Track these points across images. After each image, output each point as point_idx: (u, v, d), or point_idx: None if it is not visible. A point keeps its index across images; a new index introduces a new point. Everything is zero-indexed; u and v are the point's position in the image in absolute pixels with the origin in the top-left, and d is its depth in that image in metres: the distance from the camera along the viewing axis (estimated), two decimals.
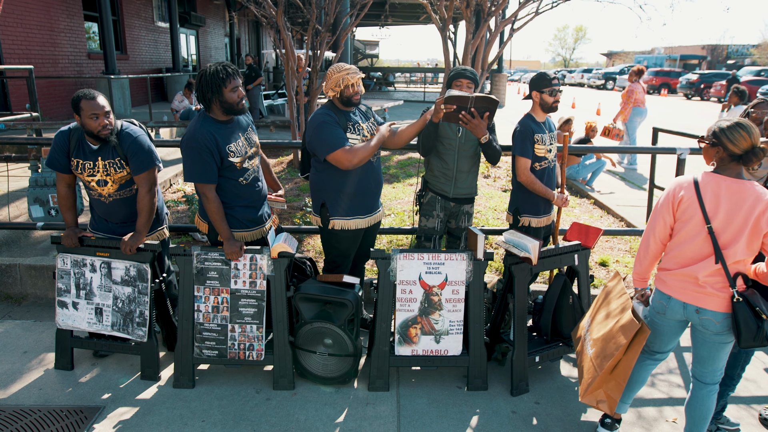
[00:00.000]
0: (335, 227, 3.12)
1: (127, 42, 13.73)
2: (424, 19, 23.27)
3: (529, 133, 3.31)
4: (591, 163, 7.28)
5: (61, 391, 2.96)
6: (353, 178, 3.06)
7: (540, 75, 3.34)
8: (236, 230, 3.00)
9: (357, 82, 2.98)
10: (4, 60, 9.19)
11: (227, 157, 2.84)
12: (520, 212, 3.47)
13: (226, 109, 2.83)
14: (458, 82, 3.22)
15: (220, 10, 21.13)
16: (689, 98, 28.31)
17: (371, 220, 3.22)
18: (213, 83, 2.74)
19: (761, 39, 52.89)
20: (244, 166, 2.93)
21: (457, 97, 2.96)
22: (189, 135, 2.80)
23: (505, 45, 8.55)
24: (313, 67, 7.26)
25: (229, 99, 2.79)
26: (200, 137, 2.77)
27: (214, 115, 2.86)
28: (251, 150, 2.99)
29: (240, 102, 2.84)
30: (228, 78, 2.75)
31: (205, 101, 2.83)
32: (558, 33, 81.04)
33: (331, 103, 3.08)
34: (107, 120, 2.87)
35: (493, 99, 3.02)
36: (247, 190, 2.98)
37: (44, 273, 4.09)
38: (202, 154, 2.77)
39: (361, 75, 3.02)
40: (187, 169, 2.84)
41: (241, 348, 3.01)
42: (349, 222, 3.13)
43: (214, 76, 2.74)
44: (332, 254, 3.28)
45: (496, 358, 3.31)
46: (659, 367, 3.32)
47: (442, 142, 3.32)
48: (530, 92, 3.38)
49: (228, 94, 2.77)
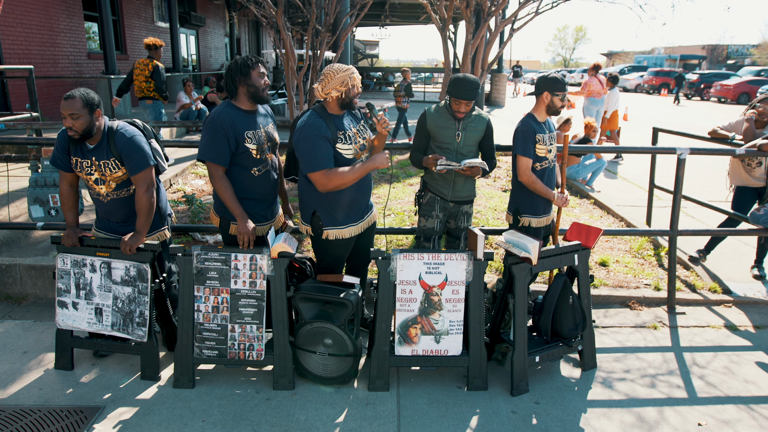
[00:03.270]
0: (329, 237, 3.04)
1: (127, 42, 13.73)
2: (424, 19, 23.28)
3: (531, 132, 3.32)
4: (591, 163, 7.28)
5: (61, 391, 2.96)
6: (348, 188, 2.96)
7: (555, 78, 3.33)
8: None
9: (360, 82, 2.97)
10: (4, 60, 9.19)
11: (243, 142, 2.91)
12: (520, 212, 3.48)
13: (252, 94, 2.93)
14: (457, 103, 3.19)
15: (220, 10, 21.13)
16: (689, 98, 28.31)
17: (364, 224, 3.17)
18: (243, 66, 2.89)
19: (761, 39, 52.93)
20: (260, 157, 2.99)
21: (448, 164, 3.18)
22: (211, 117, 2.92)
23: (505, 45, 8.55)
24: (312, 67, 7.26)
25: (256, 83, 2.91)
26: (219, 119, 2.87)
27: (239, 103, 2.97)
28: (269, 143, 3.06)
29: (265, 89, 2.96)
30: (257, 63, 2.93)
31: (233, 87, 2.94)
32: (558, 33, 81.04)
33: (321, 107, 2.95)
34: (72, 122, 2.82)
35: (483, 167, 3.21)
36: (259, 183, 3.04)
37: (44, 273, 4.09)
38: (218, 135, 2.86)
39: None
40: (201, 146, 2.92)
41: (241, 348, 3.01)
42: (344, 231, 3.04)
43: (244, 60, 2.91)
44: (326, 260, 3.19)
45: (496, 358, 3.31)
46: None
47: (440, 145, 3.32)
48: (540, 92, 3.37)
49: (255, 77, 2.91)
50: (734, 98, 24.60)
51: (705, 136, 4.91)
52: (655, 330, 3.81)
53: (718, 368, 3.35)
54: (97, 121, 2.91)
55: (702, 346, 3.61)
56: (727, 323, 3.92)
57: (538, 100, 3.41)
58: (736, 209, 4.63)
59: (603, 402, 2.99)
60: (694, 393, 3.09)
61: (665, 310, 4.09)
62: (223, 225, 3.10)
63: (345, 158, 2.90)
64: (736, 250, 5.10)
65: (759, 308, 4.17)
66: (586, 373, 3.25)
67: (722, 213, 4.72)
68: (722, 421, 2.85)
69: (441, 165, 3.17)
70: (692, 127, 13.95)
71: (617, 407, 2.95)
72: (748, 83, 24.65)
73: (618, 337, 3.70)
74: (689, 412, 2.92)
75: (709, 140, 4.87)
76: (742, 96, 24.32)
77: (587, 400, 3.00)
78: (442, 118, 3.30)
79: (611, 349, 3.54)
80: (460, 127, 3.28)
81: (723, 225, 4.78)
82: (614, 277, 4.44)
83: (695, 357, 3.48)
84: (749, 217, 4.29)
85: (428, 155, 3.34)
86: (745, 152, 4.11)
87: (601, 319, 3.92)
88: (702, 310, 4.11)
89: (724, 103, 25.06)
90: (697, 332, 3.80)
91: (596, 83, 9.78)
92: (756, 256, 4.61)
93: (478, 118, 3.34)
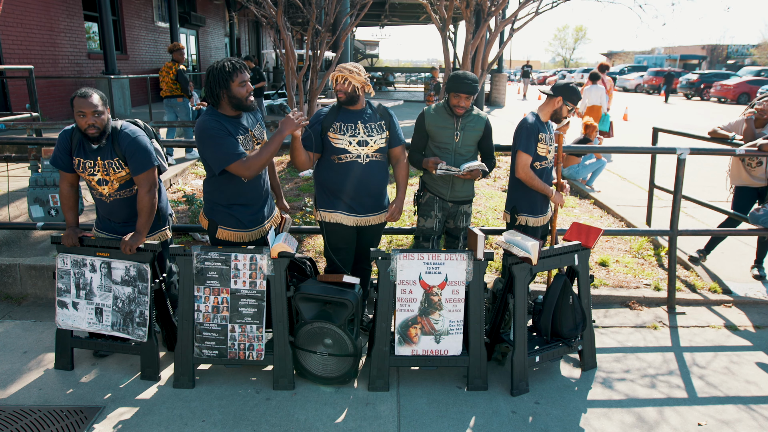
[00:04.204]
0: (324, 219, 3.23)
1: (127, 42, 13.73)
2: (424, 19, 23.28)
3: (535, 130, 3.33)
4: (591, 163, 7.28)
5: (61, 391, 2.96)
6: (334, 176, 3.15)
7: (575, 89, 3.34)
8: (236, 230, 3.02)
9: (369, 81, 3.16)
10: (4, 60, 9.19)
11: None
12: (517, 211, 3.48)
13: (234, 105, 2.85)
14: (456, 97, 3.22)
15: (220, 10, 21.13)
16: (689, 98, 28.30)
17: (359, 220, 3.22)
18: (221, 78, 2.77)
19: (761, 39, 52.92)
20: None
21: (449, 170, 3.22)
22: (200, 127, 2.82)
23: (505, 45, 8.55)
24: (312, 67, 7.25)
25: (237, 93, 2.81)
26: (210, 124, 2.80)
27: (223, 110, 2.89)
28: (256, 146, 3.00)
29: (248, 97, 2.86)
30: (235, 71, 2.78)
31: (213, 97, 2.84)
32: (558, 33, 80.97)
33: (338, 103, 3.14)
34: (95, 119, 2.82)
35: (483, 168, 3.24)
36: (249, 187, 3.00)
37: (44, 273, 4.09)
38: (218, 135, 2.79)
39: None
40: (212, 158, 2.82)
41: (241, 348, 3.01)
42: (335, 215, 3.19)
43: (221, 70, 2.77)
44: (325, 248, 3.35)
45: (496, 358, 3.31)
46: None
47: (439, 145, 3.33)
48: (556, 95, 3.36)
49: (236, 88, 2.80)
50: (734, 98, 24.59)
51: (705, 136, 4.91)
52: (655, 330, 3.81)
53: (718, 368, 3.35)
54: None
55: (702, 346, 3.61)
56: (727, 323, 3.92)
57: (549, 102, 3.40)
58: (736, 209, 4.63)
59: (603, 402, 2.99)
60: (694, 393, 3.09)
61: (665, 310, 4.09)
62: (211, 228, 3.06)
63: (333, 147, 3.08)
64: (736, 250, 5.10)
65: (759, 308, 4.17)
66: (586, 373, 3.25)
67: (722, 213, 4.72)
68: (722, 422, 2.85)
69: (441, 170, 3.19)
70: (692, 127, 13.95)
71: (617, 407, 2.95)
72: (748, 83, 24.64)
73: (618, 337, 3.70)
74: (689, 413, 2.92)
75: (709, 140, 4.87)
76: (742, 96, 24.31)
77: (587, 400, 3.00)
78: (441, 118, 3.31)
79: (611, 349, 3.54)
80: (458, 127, 3.29)
81: (723, 225, 4.78)
82: (614, 277, 4.44)
83: (695, 357, 3.48)
84: (749, 217, 4.30)
85: (427, 156, 3.35)
86: (745, 152, 4.11)
87: (601, 319, 3.92)
88: (702, 310, 4.11)
89: (724, 103, 25.05)
90: (697, 332, 3.80)
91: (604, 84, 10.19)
92: (756, 256, 4.61)
93: (477, 118, 3.34)
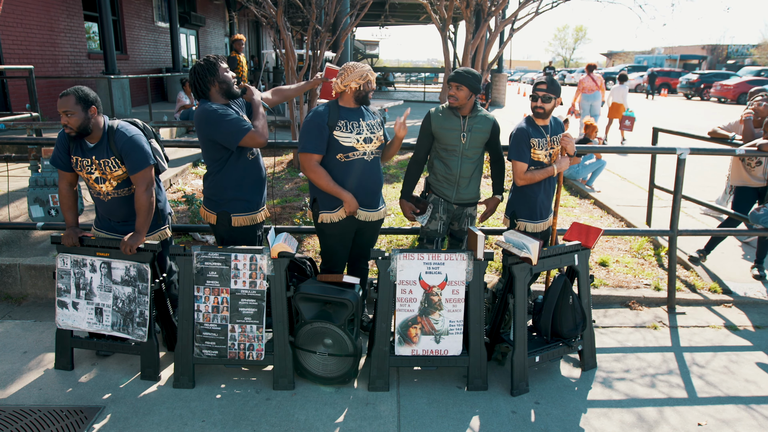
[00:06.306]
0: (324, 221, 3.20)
1: (127, 42, 13.72)
2: (424, 19, 23.25)
3: (525, 137, 3.26)
4: (591, 163, 7.28)
5: (61, 391, 2.96)
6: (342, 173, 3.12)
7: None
8: (249, 213, 3.17)
9: (375, 80, 3.17)
10: (4, 60, 9.19)
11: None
12: (516, 216, 3.43)
13: (224, 91, 3.03)
14: (449, 87, 3.25)
15: (220, 10, 21.12)
16: (689, 98, 28.30)
17: (370, 215, 3.22)
18: (208, 67, 2.99)
19: (761, 39, 52.90)
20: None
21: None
22: (203, 114, 2.98)
23: (505, 45, 8.55)
24: (312, 67, 7.26)
25: (225, 78, 3.02)
26: (212, 107, 2.95)
27: (214, 100, 3.04)
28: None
29: (234, 83, 3.08)
30: (218, 60, 3.04)
31: (204, 88, 3.02)
32: (558, 33, 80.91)
33: (335, 101, 3.14)
34: (67, 119, 2.85)
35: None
36: (254, 167, 3.16)
37: (44, 273, 4.09)
38: (226, 114, 2.95)
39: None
40: (226, 135, 2.95)
41: (241, 348, 3.01)
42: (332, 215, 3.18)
43: (206, 61, 3.01)
44: (321, 249, 3.38)
45: (496, 358, 3.31)
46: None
47: (446, 147, 3.29)
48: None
49: (223, 74, 3.02)
50: (734, 98, 24.60)
51: (705, 136, 4.91)
52: (655, 330, 3.81)
53: (717, 368, 3.35)
54: (93, 119, 2.91)
55: (702, 346, 3.61)
56: (727, 323, 3.92)
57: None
58: (736, 209, 4.63)
59: (603, 402, 2.99)
60: (694, 393, 3.09)
61: (665, 310, 4.09)
62: (223, 220, 3.12)
63: (341, 145, 3.03)
64: (736, 250, 5.10)
65: (759, 308, 4.17)
66: (586, 373, 3.25)
67: (722, 213, 4.72)
68: (722, 421, 2.86)
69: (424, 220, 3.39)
70: (692, 127, 13.95)
71: (617, 407, 2.95)
72: (748, 83, 24.62)
73: (618, 337, 3.70)
74: (689, 412, 2.92)
75: (709, 140, 4.87)
76: (742, 96, 24.29)
77: (587, 400, 3.00)
78: (447, 119, 3.25)
79: (611, 349, 3.54)
80: (465, 128, 3.24)
81: (723, 225, 4.78)
82: (614, 277, 4.44)
83: (695, 357, 3.48)
84: (749, 216, 4.30)
85: (432, 160, 3.37)
86: (745, 152, 4.11)
87: (601, 319, 3.92)
88: (702, 310, 4.11)
89: (724, 103, 25.05)
90: (697, 332, 3.80)
91: (589, 81, 11.02)
92: (756, 255, 4.61)
93: (484, 118, 3.29)
